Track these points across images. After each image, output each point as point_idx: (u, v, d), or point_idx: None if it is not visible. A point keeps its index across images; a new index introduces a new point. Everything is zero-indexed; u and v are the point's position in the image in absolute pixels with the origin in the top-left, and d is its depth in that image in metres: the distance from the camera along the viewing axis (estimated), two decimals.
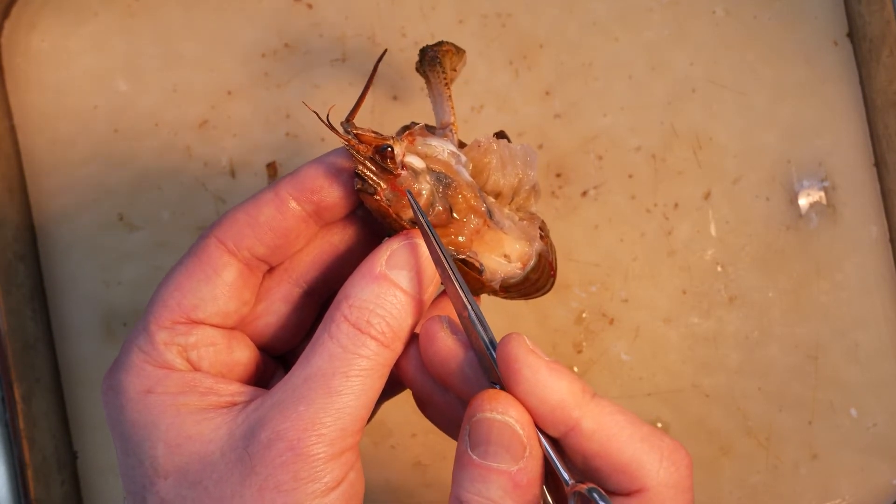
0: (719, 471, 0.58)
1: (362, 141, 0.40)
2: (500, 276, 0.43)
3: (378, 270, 0.39)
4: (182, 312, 0.41)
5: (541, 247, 0.44)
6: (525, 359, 0.38)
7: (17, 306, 0.57)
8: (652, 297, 0.59)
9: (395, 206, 0.40)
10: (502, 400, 0.38)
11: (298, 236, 0.42)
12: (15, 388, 0.56)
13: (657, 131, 0.59)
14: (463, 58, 0.48)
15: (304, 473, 0.37)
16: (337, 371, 0.38)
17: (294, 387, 0.38)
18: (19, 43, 0.61)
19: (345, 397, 0.38)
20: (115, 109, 0.60)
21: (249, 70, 0.60)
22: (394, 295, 0.39)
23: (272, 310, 0.44)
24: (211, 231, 0.42)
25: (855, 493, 0.58)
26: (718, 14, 0.60)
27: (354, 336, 0.38)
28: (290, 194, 0.41)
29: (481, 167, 0.43)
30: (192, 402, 0.40)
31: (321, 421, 0.37)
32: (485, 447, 0.37)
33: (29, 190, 0.60)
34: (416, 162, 0.41)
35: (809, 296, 0.59)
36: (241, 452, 0.38)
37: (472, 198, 0.42)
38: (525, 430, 0.37)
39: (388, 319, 0.39)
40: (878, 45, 0.57)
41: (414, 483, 0.59)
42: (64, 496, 0.58)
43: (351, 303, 0.39)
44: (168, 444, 0.39)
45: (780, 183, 0.59)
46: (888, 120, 0.57)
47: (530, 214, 0.45)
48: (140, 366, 0.41)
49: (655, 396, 0.59)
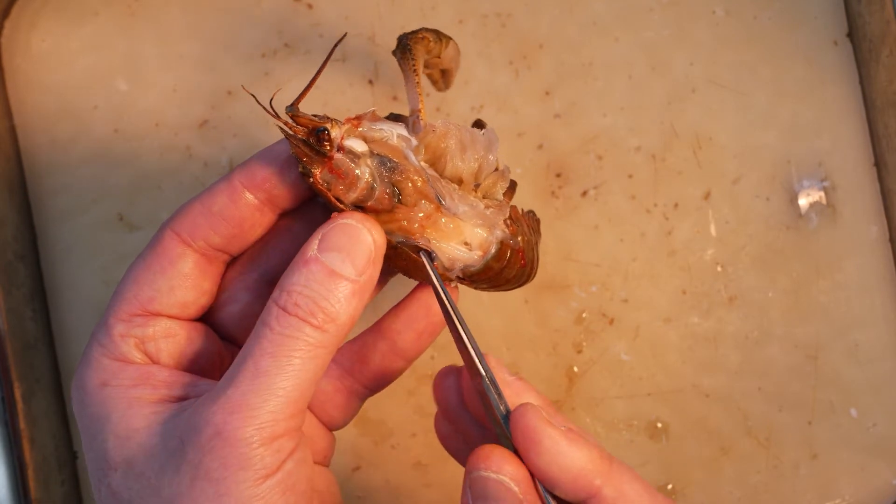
0: (719, 471, 0.58)
1: (300, 124, 0.40)
2: (458, 265, 0.42)
3: (309, 254, 0.39)
4: (139, 304, 0.41)
5: (503, 235, 0.43)
6: (544, 430, 0.38)
7: (17, 306, 0.57)
8: (652, 297, 0.59)
9: (335, 188, 0.40)
10: (496, 458, 0.38)
11: (254, 225, 0.42)
12: (15, 387, 0.56)
13: (657, 131, 0.59)
14: (447, 44, 0.47)
15: (232, 460, 0.36)
16: (265, 352, 0.37)
17: (227, 374, 0.38)
18: (19, 43, 0.61)
19: (273, 378, 0.37)
20: (115, 109, 0.60)
21: (249, 70, 0.60)
22: (325, 277, 0.38)
23: (235, 299, 0.44)
24: (167, 223, 0.42)
25: (855, 493, 0.58)
26: (718, 14, 0.60)
27: (282, 318, 0.38)
28: (243, 183, 0.41)
29: (439, 153, 0.42)
30: (145, 395, 0.40)
31: (248, 403, 0.36)
32: (483, 502, 0.38)
33: (29, 190, 0.60)
34: (356, 145, 0.40)
35: (809, 296, 0.59)
36: (177, 442, 0.37)
37: (420, 183, 0.41)
38: (520, 487, 0.38)
39: (319, 301, 0.38)
40: (878, 46, 0.57)
41: (414, 483, 0.59)
42: (64, 496, 0.58)
43: (282, 287, 0.38)
44: (117, 437, 0.39)
45: (780, 183, 0.59)
46: (888, 120, 0.57)
47: (498, 202, 0.44)
48: (98, 359, 0.41)
49: (655, 396, 0.59)
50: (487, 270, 0.43)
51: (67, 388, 0.60)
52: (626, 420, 0.59)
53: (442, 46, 0.47)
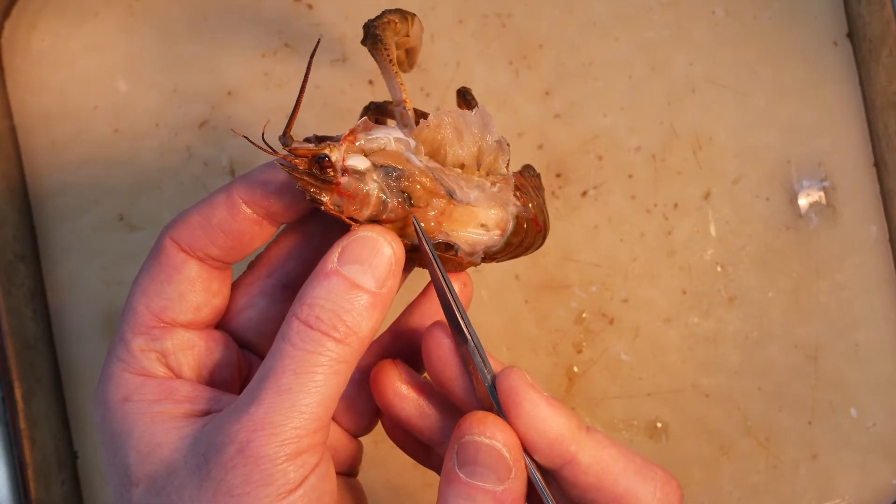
0: (719, 471, 0.58)
1: (299, 155, 0.39)
2: (480, 249, 0.42)
3: (329, 267, 0.38)
4: (153, 316, 0.41)
5: (517, 209, 0.43)
6: (526, 393, 0.39)
7: (18, 306, 0.57)
8: (652, 297, 0.59)
9: (347, 210, 0.40)
10: (490, 423, 0.38)
11: (253, 238, 0.41)
12: (15, 387, 0.56)
13: (657, 131, 0.59)
14: (413, 22, 0.46)
15: (255, 476, 0.36)
16: (286, 369, 0.37)
17: (249, 390, 0.38)
18: (20, 43, 0.61)
19: (296, 395, 0.37)
20: (115, 109, 0.60)
21: (249, 70, 0.60)
22: (346, 290, 0.38)
23: (251, 304, 0.44)
24: (166, 231, 0.41)
25: (855, 493, 0.58)
26: (718, 14, 0.60)
27: (304, 333, 0.37)
28: (242, 197, 0.41)
29: (437, 145, 0.42)
30: (167, 410, 0.39)
31: (271, 421, 0.36)
32: (472, 467, 0.38)
33: (29, 190, 0.60)
34: (359, 163, 0.40)
35: (809, 296, 0.59)
36: (199, 459, 0.37)
37: (429, 182, 0.41)
38: (511, 454, 0.38)
39: (341, 314, 0.38)
40: (877, 46, 0.57)
41: (414, 483, 0.59)
42: (64, 496, 0.58)
43: (302, 301, 0.38)
44: (139, 453, 0.39)
45: (779, 183, 0.59)
46: (888, 120, 0.57)
47: (503, 177, 0.43)
48: (119, 374, 0.40)
49: (655, 396, 0.59)
50: (508, 247, 0.43)
51: (67, 388, 0.60)
52: (625, 420, 0.59)
53: (409, 25, 0.45)
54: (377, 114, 0.47)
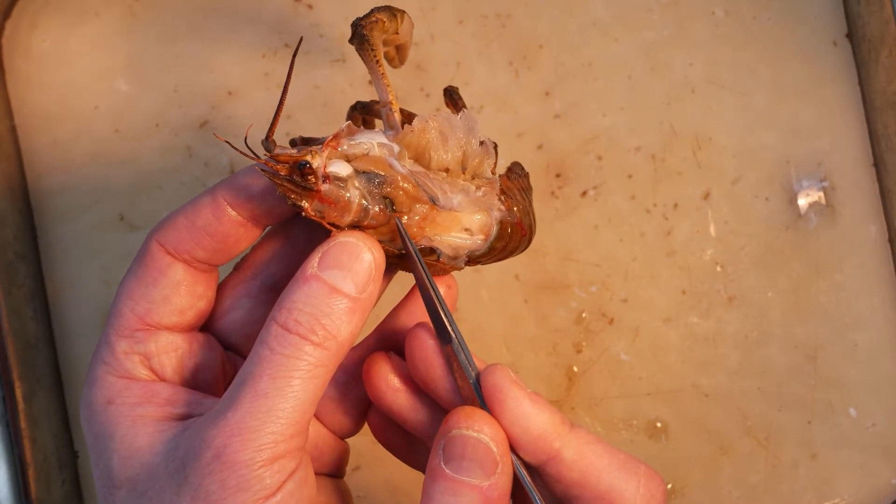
0: (719, 471, 0.58)
1: (280, 161, 0.38)
2: (463, 253, 0.42)
3: (309, 272, 0.38)
4: (137, 319, 0.41)
5: (501, 213, 0.43)
6: (510, 390, 0.39)
7: (18, 306, 0.58)
8: (651, 297, 0.59)
9: (328, 216, 0.39)
10: (478, 418, 0.39)
11: (238, 240, 0.41)
12: (16, 387, 0.56)
13: (657, 131, 0.59)
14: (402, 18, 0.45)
15: (231, 482, 0.36)
16: (264, 373, 0.37)
17: (227, 395, 0.38)
18: (20, 43, 0.61)
19: (273, 400, 0.36)
20: (115, 110, 0.60)
21: (249, 70, 0.60)
22: (326, 294, 0.38)
23: (236, 306, 0.44)
24: (152, 234, 0.41)
25: (854, 493, 0.58)
26: (718, 15, 0.60)
27: (282, 337, 0.37)
28: (227, 200, 0.41)
29: (422, 149, 0.42)
30: (149, 413, 0.39)
31: (247, 426, 0.36)
32: (458, 462, 0.38)
33: (29, 190, 0.60)
34: (341, 170, 0.39)
35: (809, 296, 0.59)
36: (178, 463, 0.37)
37: (411, 188, 0.40)
38: (498, 448, 0.38)
39: (320, 318, 0.38)
40: (877, 46, 0.57)
41: (414, 483, 0.59)
42: (65, 496, 0.58)
43: (281, 306, 0.38)
44: (121, 456, 0.39)
45: (779, 183, 0.59)
46: (887, 120, 0.57)
47: (488, 180, 0.43)
48: (103, 377, 0.40)
49: (655, 396, 0.59)
50: (492, 251, 0.43)
51: (68, 387, 0.60)
52: (625, 420, 0.59)
53: (398, 22, 0.45)
54: (364, 113, 0.47)
